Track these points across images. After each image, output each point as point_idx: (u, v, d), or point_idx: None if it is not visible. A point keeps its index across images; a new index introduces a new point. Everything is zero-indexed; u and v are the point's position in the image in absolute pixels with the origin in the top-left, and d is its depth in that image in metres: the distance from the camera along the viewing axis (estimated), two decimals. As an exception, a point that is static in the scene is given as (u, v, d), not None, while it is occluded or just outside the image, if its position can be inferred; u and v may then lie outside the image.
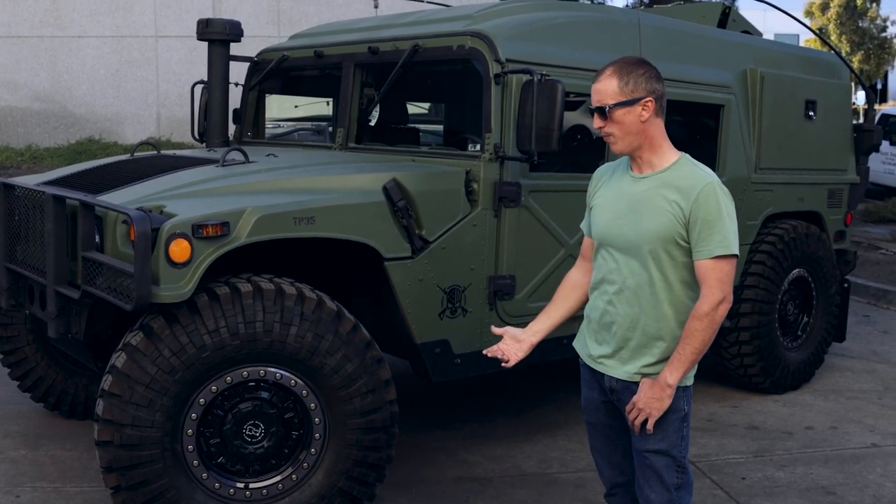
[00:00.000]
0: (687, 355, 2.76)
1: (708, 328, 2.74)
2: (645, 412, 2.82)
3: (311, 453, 3.83)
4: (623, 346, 2.90)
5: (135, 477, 3.51)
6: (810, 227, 6.36)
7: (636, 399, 2.84)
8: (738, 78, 5.88)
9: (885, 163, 17.06)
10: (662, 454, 2.89)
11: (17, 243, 4.34)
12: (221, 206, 3.68)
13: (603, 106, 2.80)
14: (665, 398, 2.80)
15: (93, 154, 12.77)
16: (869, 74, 35.03)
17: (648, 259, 2.81)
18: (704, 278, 2.75)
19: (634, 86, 2.78)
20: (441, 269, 4.28)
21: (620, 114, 2.79)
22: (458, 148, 4.94)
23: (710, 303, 2.72)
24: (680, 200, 2.76)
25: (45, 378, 5.19)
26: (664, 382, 2.79)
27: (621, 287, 2.88)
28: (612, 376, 2.95)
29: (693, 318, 2.75)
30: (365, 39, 5.12)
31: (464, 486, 4.61)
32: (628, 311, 2.87)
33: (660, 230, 2.78)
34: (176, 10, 13.94)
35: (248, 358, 3.64)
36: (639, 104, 2.79)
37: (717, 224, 2.73)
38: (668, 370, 2.79)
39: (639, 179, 2.88)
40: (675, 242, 2.78)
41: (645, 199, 2.83)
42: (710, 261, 2.74)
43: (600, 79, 2.83)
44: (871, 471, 4.96)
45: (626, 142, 2.83)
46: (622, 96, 2.78)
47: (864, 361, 7.29)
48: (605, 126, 2.83)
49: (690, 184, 2.77)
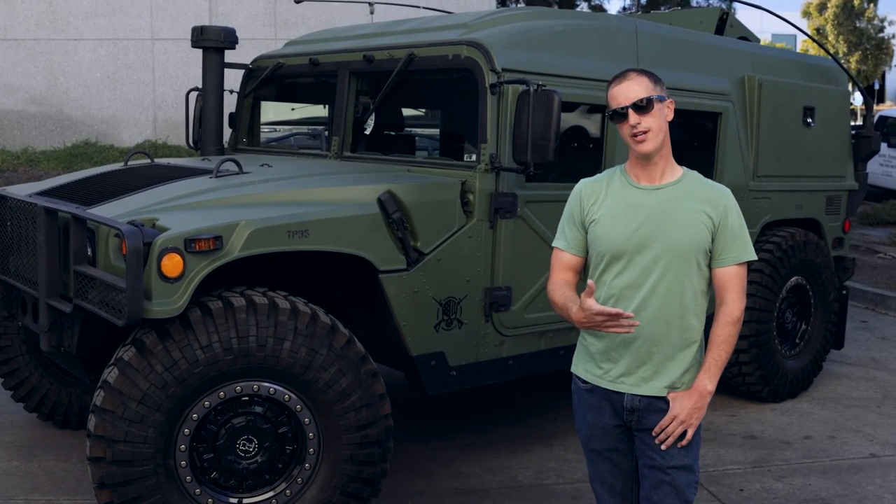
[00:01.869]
0: (723, 360, 2.82)
1: (737, 333, 2.84)
2: (686, 424, 2.80)
3: (306, 468, 3.80)
4: (646, 361, 2.83)
5: (128, 493, 3.49)
6: (808, 234, 6.33)
7: (676, 412, 2.79)
8: (736, 85, 5.86)
9: (883, 165, 17.03)
10: (686, 470, 2.85)
11: (10, 255, 4.31)
12: (214, 220, 3.65)
13: (648, 96, 2.78)
14: (705, 406, 2.84)
15: (89, 157, 12.74)
16: (867, 75, 35.04)
17: (678, 269, 2.79)
18: (731, 284, 2.83)
19: (661, 87, 2.84)
20: (436, 282, 4.25)
21: (660, 107, 2.80)
22: (453, 158, 4.91)
23: (740, 308, 2.83)
24: (709, 210, 2.81)
25: (38, 388, 5.16)
26: (704, 390, 2.81)
27: (645, 300, 2.80)
28: (637, 394, 2.84)
29: (727, 323, 2.82)
30: (360, 47, 5.09)
31: (460, 497, 4.58)
32: (654, 325, 2.80)
33: (694, 240, 2.80)
34: (172, 13, 13.90)
35: (241, 373, 3.61)
36: (666, 103, 2.84)
37: (742, 232, 2.84)
38: (708, 377, 2.81)
39: (652, 191, 2.85)
40: (705, 251, 2.82)
41: (671, 209, 2.81)
42: (736, 267, 2.83)
43: (630, 78, 2.82)
44: (869, 482, 4.93)
45: (657, 139, 2.80)
46: (657, 91, 2.81)
47: (862, 368, 7.26)
48: (642, 121, 2.78)
49: (714, 195, 2.84)
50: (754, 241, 6.00)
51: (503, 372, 4.67)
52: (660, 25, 5.68)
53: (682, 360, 2.83)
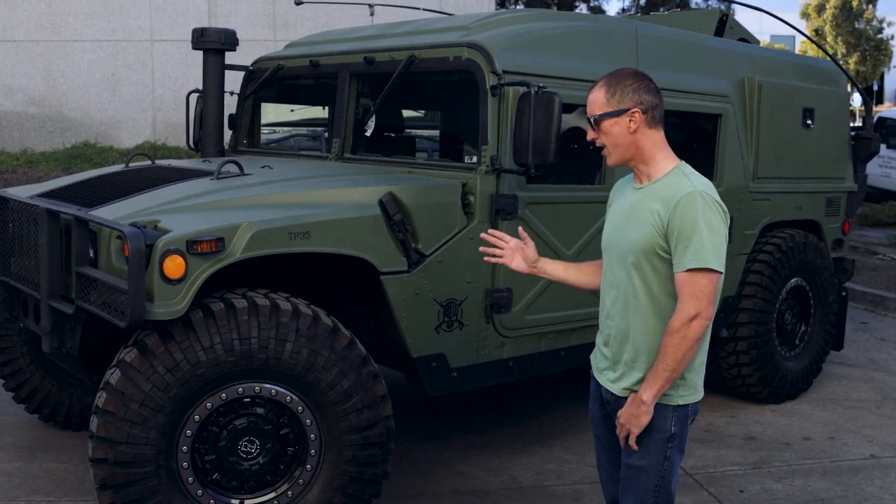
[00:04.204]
0: (660, 372, 2.71)
1: (680, 344, 2.66)
2: (626, 428, 2.82)
3: (307, 469, 3.81)
4: (618, 359, 2.90)
5: (130, 494, 3.49)
6: (808, 235, 6.34)
7: (620, 413, 2.85)
8: (736, 87, 5.86)
9: (882, 166, 17.03)
10: (641, 471, 2.85)
11: (11, 256, 4.31)
12: (216, 222, 3.66)
13: (590, 118, 2.82)
14: (642, 415, 2.76)
15: (88, 158, 12.73)
16: (865, 76, 35.07)
17: (632, 270, 2.79)
18: (679, 292, 2.68)
19: (621, 97, 2.77)
20: (437, 283, 4.26)
21: (608, 124, 2.79)
22: (454, 159, 4.92)
23: (680, 318, 2.66)
24: (661, 210, 2.72)
25: (39, 389, 5.16)
26: (640, 399, 2.76)
27: (615, 299, 2.89)
28: (608, 390, 2.95)
29: (666, 333, 2.70)
30: (361, 49, 5.10)
31: (460, 498, 4.59)
32: (620, 324, 2.87)
33: (640, 240, 2.75)
34: (171, 14, 13.90)
35: (243, 374, 3.62)
36: (626, 115, 2.77)
37: (693, 235, 2.64)
38: (644, 386, 2.76)
39: (637, 191, 2.88)
40: (657, 254, 2.73)
41: (636, 209, 2.82)
42: (684, 273, 2.66)
43: (592, 90, 2.85)
44: (869, 483, 4.94)
45: (616, 153, 2.83)
46: (608, 107, 2.78)
47: (861, 370, 7.27)
48: (596, 137, 2.84)
49: (672, 193, 2.72)
50: (754, 243, 6.01)
51: (504, 373, 4.68)
52: (660, 27, 5.69)
53: (644, 364, 2.81)
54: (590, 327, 4.78)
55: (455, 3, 14.34)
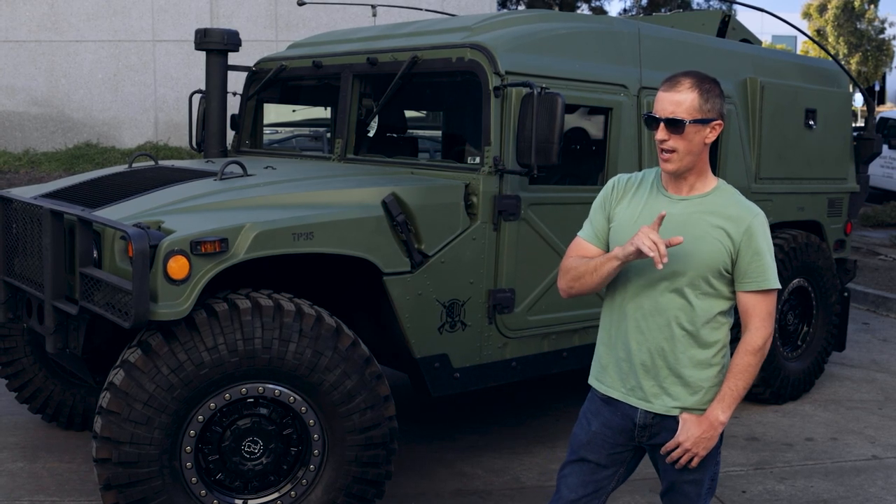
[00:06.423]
0: (740, 391, 2.70)
1: (760, 363, 2.70)
2: (692, 452, 2.72)
3: (310, 470, 3.82)
4: (653, 376, 2.76)
5: (133, 494, 3.50)
6: (810, 236, 6.34)
7: (682, 438, 2.72)
8: (738, 87, 5.87)
9: (883, 166, 17.04)
10: (699, 483, 2.84)
11: (15, 257, 4.32)
12: (220, 222, 3.66)
13: (680, 119, 2.62)
14: (716, 437, 2.73)
15: (90, 158, 12.76)
16: (867, 76, 35.05)
17: (687, 286, 2.68)
18: (754, 312, 2.69)
19: (712, 106, 2.65)
20: (440, 284, 4.27)
21: (693, 130, 2.63)
22: (456, 160, 4.92)
23: (763, 336, 2.69)
24: (729, 229, 2.66)
25: (42, 389, 5.17)
26: (716, 420, 2.70)
27: (651, 313, 2.74)
28: (649, 411, 2.78)
29: (746, 352, 2.69)
30: (363, 50, 5.11)
31: (463, 498, 4.59)
32: (659, 339, 2.73)
33: (707, 258, 2.66)
34: (173, 14, 13.92)
35: (246, 375, 3.62)
36: (710, 126, 2.66)
37: (766, 256, 2.67)
38: (721, 407, 2.70)
39: (677, 201, 2.74)
40: (720, 272, 2.68)
41: (690, 222, 2.69)
42: (757, 294, 2.68)
43: (678, 89, 2.64)
44: (872, 483, 4.94)
45: (685, 161, 2.67)
46: (700, 114, 2.63)
47: (863, 370, 7.27)
48: (670, 140, 2.65)
49: (740, 213, 2.68)
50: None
51: (506, 374, 4.69)
52: (662, 28, 5.69)
53: (692, 380, 2.73)
54: (592, 328, 4.79)
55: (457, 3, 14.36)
